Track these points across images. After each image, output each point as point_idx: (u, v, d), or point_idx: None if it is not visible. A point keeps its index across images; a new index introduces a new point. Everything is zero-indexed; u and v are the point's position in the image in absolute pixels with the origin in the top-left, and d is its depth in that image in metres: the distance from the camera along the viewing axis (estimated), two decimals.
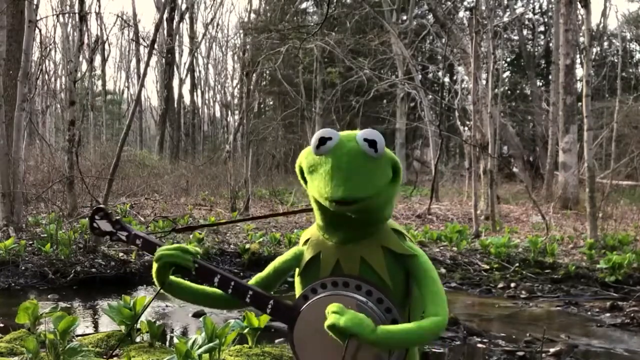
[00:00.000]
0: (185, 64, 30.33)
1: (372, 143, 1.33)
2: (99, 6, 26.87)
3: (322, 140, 1.36)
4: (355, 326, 1.25)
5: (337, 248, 1.46)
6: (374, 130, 1.37)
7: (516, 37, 27.64)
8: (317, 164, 1.38)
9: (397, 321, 1.37)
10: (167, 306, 5.29)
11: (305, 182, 1.45)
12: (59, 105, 22.17)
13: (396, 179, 1.41)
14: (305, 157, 1.44)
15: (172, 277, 1.55)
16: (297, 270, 1.55)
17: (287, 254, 1.60)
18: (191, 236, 7.69)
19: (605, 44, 29.38)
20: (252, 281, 1.61)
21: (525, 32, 29.15)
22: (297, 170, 1.48)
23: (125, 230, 1.67)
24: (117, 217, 1.69)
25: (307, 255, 1.51)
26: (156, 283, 1.55)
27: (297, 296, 1.49)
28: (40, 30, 18.37)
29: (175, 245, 1.54)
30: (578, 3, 12.57)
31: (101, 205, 1.73)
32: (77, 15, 10.75)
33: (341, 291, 1.40)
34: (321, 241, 1.48)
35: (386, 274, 1.42)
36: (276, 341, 3.69)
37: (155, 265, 1.52)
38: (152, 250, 1.59)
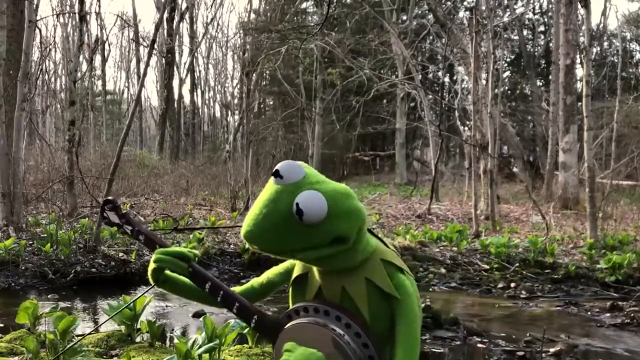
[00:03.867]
0: (185, 64, 30.39)
1: (299, 212, 1.27)
2: (99, 6, 26.91)
3: (276, 173, 1.35)
4: None
5: (321, 273, 1.44)
6: (315, 201, 1.28)
7: (516, 37, 27.65)
8: (266, 187, 1.38)
9: (374, 358, 1.35)
10: (167, 306, 5.29)
11: None
12: (59, 105, 22.15)
13: (334, 247, 1.33)
14: None
15: (168, 273, 1.58)
16: (288, 283, 1.57)
17: (281, 267, 1.61)
18: (191, 236, 7.69)
19: (605, 44, 29.40)
20: (247, 285, 1.63)
21: (525, 32, 29.15)
22: None
23: (131, 224, 1.71)
24: (125, 212, 1.73)
25: (296, 272, 1.51)
26: (151, 280, 1.58)
27: (289, 307, 1.51)
28: (40, 30, 18.37)
29: (173, 250, 1.55)
30: (578, 3, 12.57)
31: (110, 198, 1.77)
32: (77, 15, 10.75)
33: (320, 319, 1.38)
34: None
35: (366, 308, 1.37)
36: None
37: (151, 266, 1.56)
38: (153, 247, 1.63)
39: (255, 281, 1.64)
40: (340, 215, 1.32)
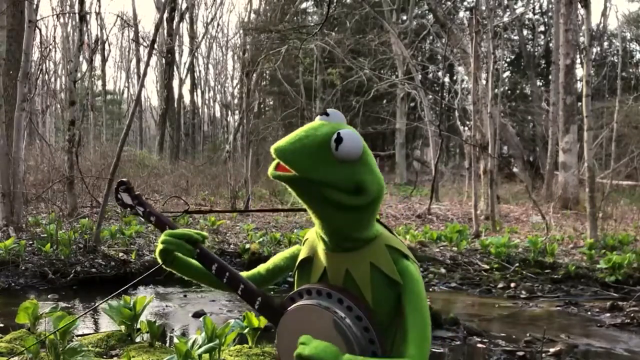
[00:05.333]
0: (185, 64, 30.35)
1: (338, 140, 1.29)
2: (99, 6, 26.87)
3: (324, 112, 1.41)
4: (319, 353, 1.29)
5: (326, 255, 1.44)
6: (355, 137, 1.31)
7: (516, 37, 27.65)
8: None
9: (374, 342, 1.35)
10: (167, 306, 5.29)
11: None
12: (59, 105, 22.15)
13: (353, 197, 1.32)
14: None
15: (176, 254, 1.60)
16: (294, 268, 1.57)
17: (287, 252, 1.63)
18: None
19: (605, 44, 29.40)
20: (254, 271, 1.66)
21: (525, 32, 29.16)
22: None
23: (143, 206, 1.74)
24: (137, 193, 1.75)
25: (302, 255, 1.52)
26: (159, 260, 1.60)
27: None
28: (40, 30, 18.37)
29: (180, 232, 1.57)
30: (578, 3, 12.57)
31: (124, 179, 1.79)
32: (77, 15, 10.75)
33: (323, 302, 1.39)
34: (316, 244, 1.48)
35: (369, 292, 1.37)
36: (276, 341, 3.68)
37: (159, 247, 1.58)
38: (163, 229, 1.66)
39: (261, 267, 1.66)
40: (368, 167, 1.36)
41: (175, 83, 28.65)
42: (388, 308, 1.39)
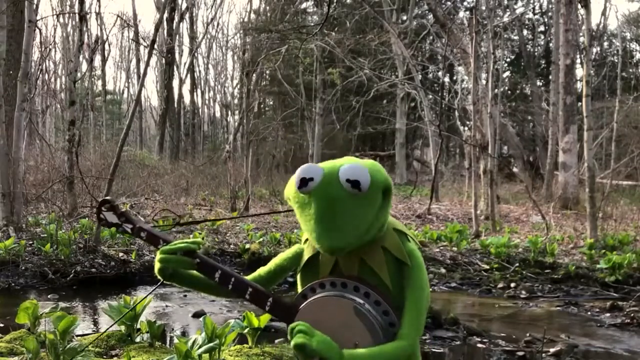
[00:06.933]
0: (185, 64, 30.36)
1: (355, 183, 1.29)
2: (99, 6, 26.89)
3: (304, 181, 1.34)
4: (325, 350, 1.28)
5: None
6: (356, 167, 1.32)
7: (516, 37, 27.64)
8: (302, 202, 1.37)
9: (395, 324, 1.36)
10: (167, 306, 5.29)
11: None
12: (59, 105, 22.16)
13: (385, 202, 1.38)
14: (292, 191, 1.42)
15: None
16: (298, 268, 1.56)
17: (289, 252, 1.62)
18: (191, 236, 7.70)
19: (605, 44, 29.39)
20: (254, 274, 1.63)
21: (525, 32, 29.15)
22: (285, 198, 1.46)
23: (130, 222, 1.68)
24: (123, 210, 1.70)
25: (307, 254, 1.51)
26: (158, 277, 1.58)
27: (297, 293, 1.50)
28: (40, 30, 18.38)
29: (177, 247, 1.54)
30: (578, 3, 12.57)
31: (107, 198, 1.75)
32: (77, 15, 10.75)
33: (338, 292, 1.39)
34: None
35: (387, 276, 1.40)
36: (276, 341, 3.69)
37: (157, 265, 1.55)
38: (156, 243, 1.62)
39: (262, 269, 1.64)
40: (374, 170, 1.37)
41: (175, 83, 28.69)
42: (402, 289, 1.42)
